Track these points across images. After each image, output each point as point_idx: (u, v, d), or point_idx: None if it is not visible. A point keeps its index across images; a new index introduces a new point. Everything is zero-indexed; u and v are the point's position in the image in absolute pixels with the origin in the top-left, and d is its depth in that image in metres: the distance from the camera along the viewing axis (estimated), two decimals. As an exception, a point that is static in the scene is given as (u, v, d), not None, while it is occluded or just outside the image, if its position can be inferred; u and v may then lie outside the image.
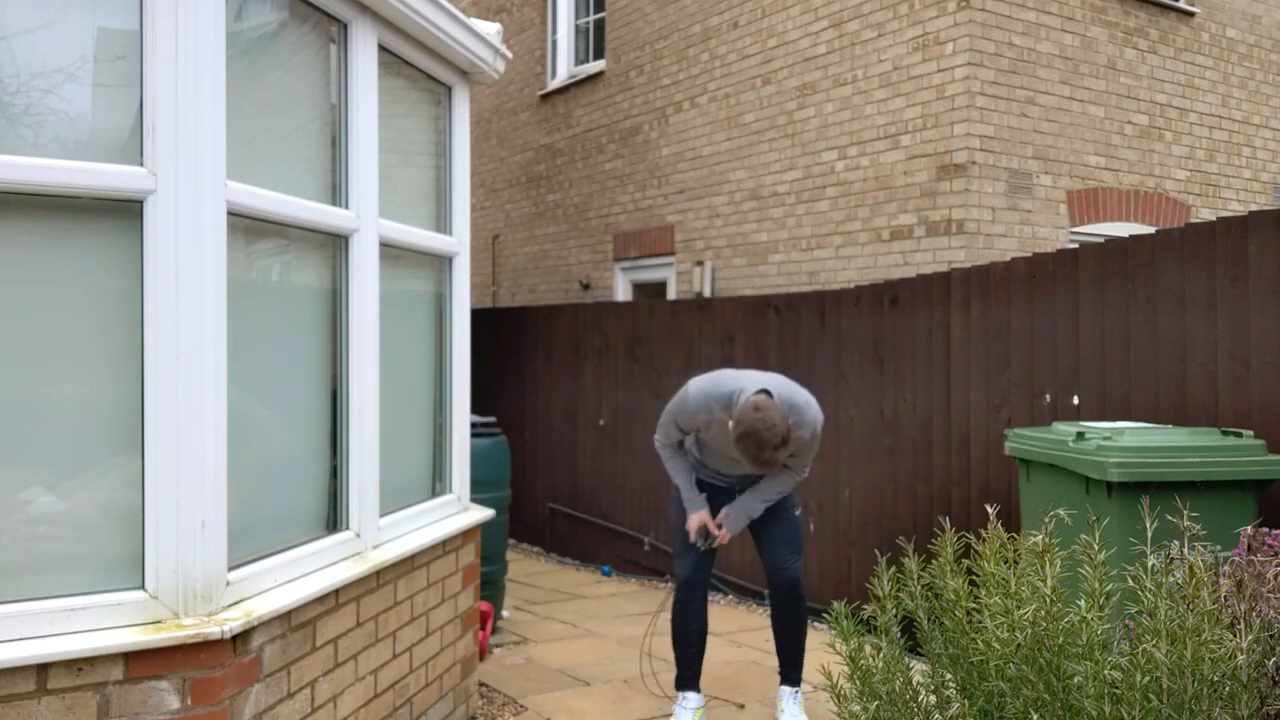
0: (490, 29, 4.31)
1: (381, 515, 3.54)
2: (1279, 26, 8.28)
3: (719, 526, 4.15)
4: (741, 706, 4.50)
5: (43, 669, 2.40)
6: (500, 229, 11.43)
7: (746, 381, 3.91)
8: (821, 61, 7.42)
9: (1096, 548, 1.94)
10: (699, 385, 4.00)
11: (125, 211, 2.62)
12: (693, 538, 4.15)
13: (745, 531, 4.29)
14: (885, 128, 6.91)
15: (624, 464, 7.54)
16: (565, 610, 6.30)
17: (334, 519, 3.37)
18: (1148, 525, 2.00)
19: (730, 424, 3.72)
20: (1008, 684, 2.05)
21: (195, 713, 2.56)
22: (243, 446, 2.86)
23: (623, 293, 9.56)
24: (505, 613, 6.10)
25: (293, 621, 2.91)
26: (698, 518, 4.13)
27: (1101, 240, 4.90)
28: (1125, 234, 4.79)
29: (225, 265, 2.74)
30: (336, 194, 3.41)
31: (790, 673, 4.29)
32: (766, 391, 3.79)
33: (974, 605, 2.17)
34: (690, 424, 4.04)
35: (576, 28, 10.53)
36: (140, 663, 2.50)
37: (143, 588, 2.60)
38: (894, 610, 2.33)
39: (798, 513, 4.28)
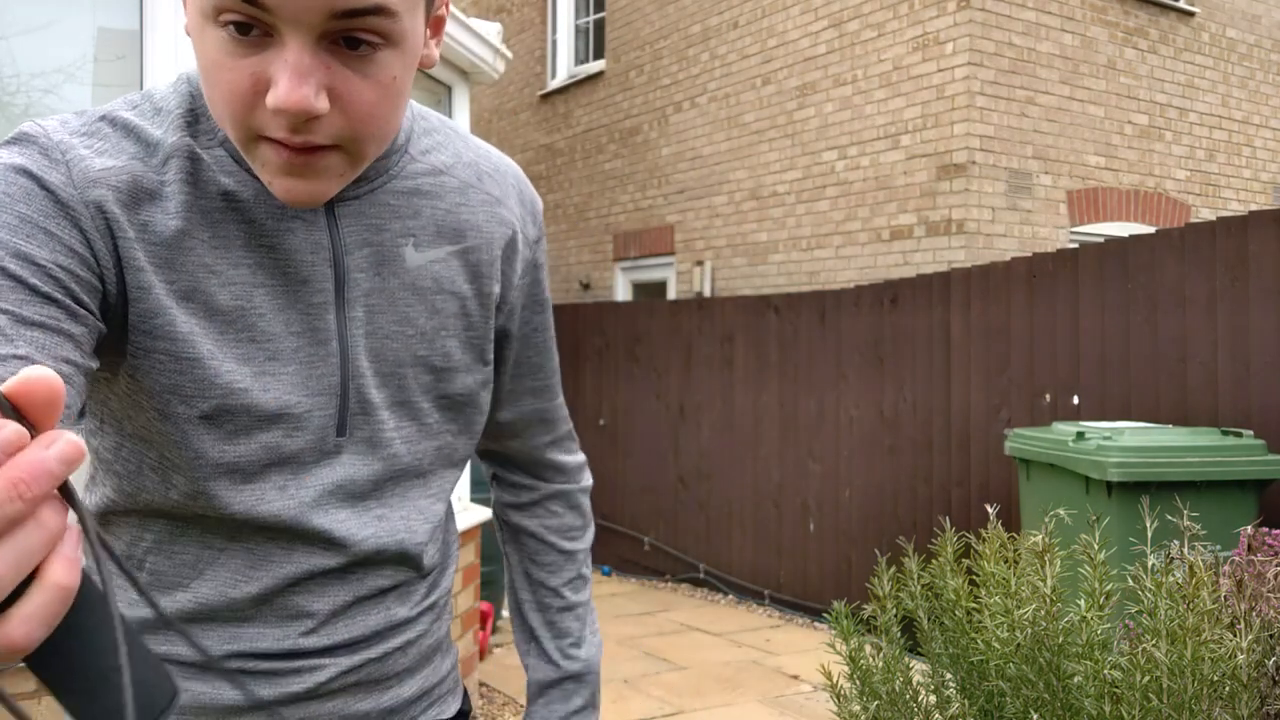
0: (490, 29, 4.31)
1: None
2: (1279, 26, 8.28)
3: None
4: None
5: (43, 669, 2.40)
6: (500, 229, 11.43)
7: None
8: (821, 61, 7.42)
9: (1096, 547, 1.94)
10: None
11: (125, 211, 2.62)
12: None
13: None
14: (885, 128, 6.91)
15: (624, 464, 7.54)
16: (565, 610, 6.30)
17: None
18: (1148, 525, 2.00)
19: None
20: (1008, 684, 2.05)
21: (195, 712, 2.55)
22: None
23: (623, 293, 9.56)
24: (505, 613, 6.10)
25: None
26: None
27: (1101, 240, 4.90)
28: (1125, 234, 4.80)
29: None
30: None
31: None
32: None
33: (974, 605, 2.17)
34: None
35: (576, 28, 10.53)
36: (140, 663, 2.50)
37: (143, 588, 2.60)
38: (894, 610, 2.33)
39: None
